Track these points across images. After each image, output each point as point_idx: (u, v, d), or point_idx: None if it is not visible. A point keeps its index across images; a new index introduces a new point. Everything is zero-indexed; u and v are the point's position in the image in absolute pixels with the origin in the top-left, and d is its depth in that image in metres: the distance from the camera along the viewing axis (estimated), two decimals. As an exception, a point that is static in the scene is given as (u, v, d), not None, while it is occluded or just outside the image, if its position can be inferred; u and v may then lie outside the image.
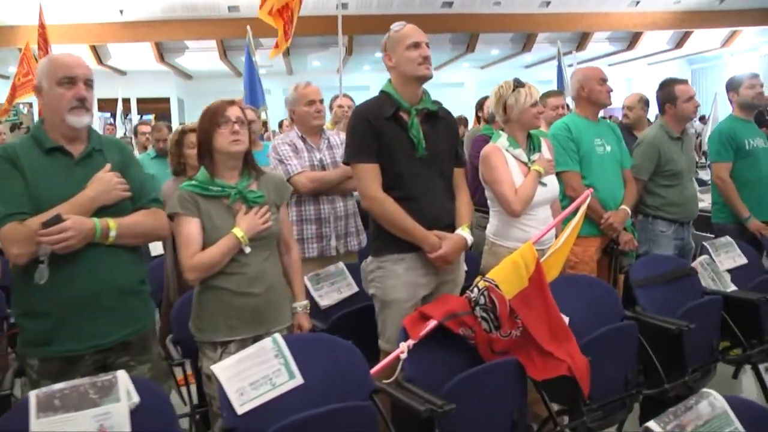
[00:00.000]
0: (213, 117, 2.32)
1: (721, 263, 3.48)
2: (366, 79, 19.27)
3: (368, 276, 2.66)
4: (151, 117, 17.61)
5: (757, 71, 10.94)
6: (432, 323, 2.29)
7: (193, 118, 3.95)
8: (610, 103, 3.62)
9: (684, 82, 3.91)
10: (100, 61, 15.18)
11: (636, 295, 3.11)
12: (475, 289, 2.34)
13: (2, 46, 13.63)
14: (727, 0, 13.92)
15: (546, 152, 3.12)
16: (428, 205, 2.55)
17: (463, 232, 2.59)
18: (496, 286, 2.32)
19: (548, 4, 13.47)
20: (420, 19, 12.44)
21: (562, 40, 15.62)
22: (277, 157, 3.40)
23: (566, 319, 2.49)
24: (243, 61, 16.66)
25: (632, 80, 20.53)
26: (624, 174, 3.66)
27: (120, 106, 13.65)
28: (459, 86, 18.92)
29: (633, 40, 16.06)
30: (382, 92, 2.64)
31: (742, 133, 4.07)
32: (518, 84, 2.99)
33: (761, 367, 3.06)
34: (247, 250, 2.30)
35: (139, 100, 17.88)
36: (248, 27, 6.35)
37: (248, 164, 2.43)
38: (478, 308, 2.33)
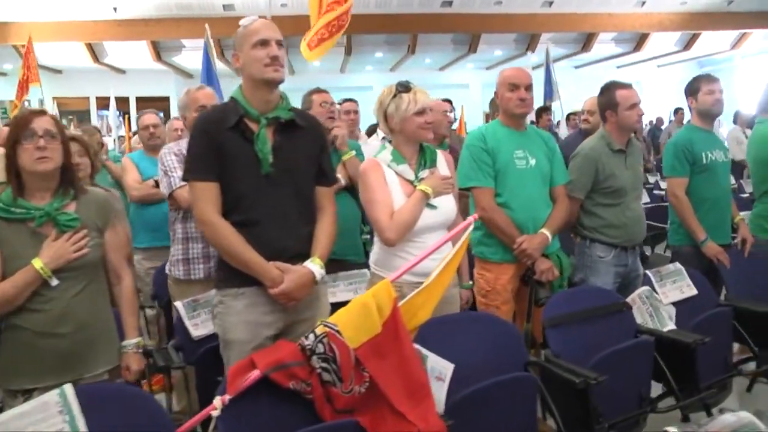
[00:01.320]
0: (15, 130, 2.04)
1: (665, 295, 3.07)
2: (369, 79, 19.04)
3: (213, 311, 2.34)
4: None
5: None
6: (254, 375, 1.88)
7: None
8: (521, 113, 3.07)
9: (628, 86, 3.37)
10: (96, 59, 15.04)
11: (546, 336, 2.69)
12: (312, 335, 1.93)
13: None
14: (736, 1, 13.58)
15: (443, 168, 2.72)
16: (273, 230, 2.18)
17: (312, 265, 2.21)
18: (338, 332, 1.92)
19: (551, 3, 13.18)
20: (419, 19, 12.38)
21: (566, 41, 15.50)
22: (162, 168, 3.10)
23: (449, 368, 2.14)
24: (241, 60, 16.58)
25: (641, 83, 20.09)
26: (554, 192, 3.17)
27: (113, 103, 13.44)
28: (464, 87, 18.61)
29: (640, 41, 15.73)
30: (230, 98, 2.27)
31: (700, 144, 3.60)
32: (402, 88, 2.59)
33: (693, 417, 2.74)
34: (54, 282, 2.04)
35: (139, 99, 17.72)
36: (206, 26, 6.01)
37: (66, 182, 2.15)
38: (315, 358, 1.91)
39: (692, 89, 3.70)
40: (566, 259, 3.14)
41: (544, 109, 7.89)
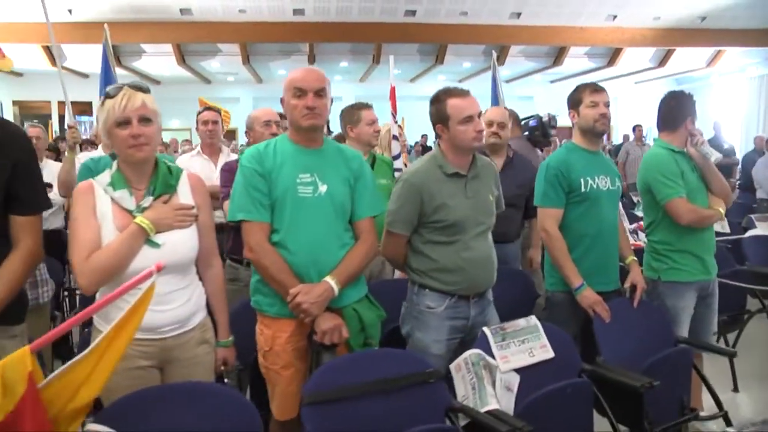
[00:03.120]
0: None
1: (505, 360, 2.46)
2: (338, 90, 18.50)
3: None
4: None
5: (744, 94, 10.31)
6: None
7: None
8: (309, 124, 2.41)
9: (463, 94, 2.67)
10: (54, 63, 14.60)
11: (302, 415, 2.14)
12: None
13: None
14: (709, 19, 13.30)
15: (185, 195, 2.26)
16: None
17: None
18: None
19: (519, 15, 12.85)
20: (382, 28, 12.04)
21: (537, 55, 15.19)
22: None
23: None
24: (204, 67, 16.20)
25: (618, 99, 19.86)
26: (358, 227, 2.53)
27: (69, 108, 13.02)
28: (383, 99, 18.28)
29: (613, 56, 15.41)
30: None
31: (580, 169, 3.04)
32: (108, 94, 2.07)
33: None
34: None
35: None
36: (105, 26, 5.65)
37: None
38: None
39: (574, 100, 3.14)
40: (372, 311, 2.53)
41: None
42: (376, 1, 11.94)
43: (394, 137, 4.60)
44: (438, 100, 2.69)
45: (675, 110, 3.27)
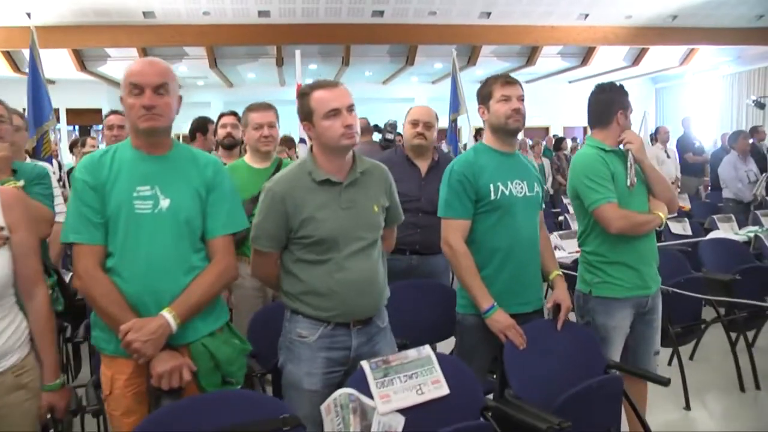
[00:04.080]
0: None
1: (385, 399, 2.05)
2: (312, 92, 18.47)
3: None
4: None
5: (718, 91, 10.20)
6: None
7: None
8: (147, 127, 2.10)
9: (330, 86, 2.35)
10: (16, 68, 14.33)
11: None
12: None
13: None
14: (680, 17, 13.17)
15: None
16: None
17: None
18: None
19: (489, 15, 12.64)
20: (350, 29, 11.82)
21: (509, 54, 15.01)
22: None
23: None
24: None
25: (594, 98, 19.77)
26: (211, 246, 2.19)
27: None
28: (409, 101, 18.09)
29: (586, 55, 15.27)
30: None
31: (489, 173, 2.70)
32: None
33: None
34: None
35: (69, 111, 17.04)
36: (32, 28, 5.42)
37: None
38: None
39: (482, 95, 2.80)
40: (231, 346, 2.23)
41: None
42: (342, 1, 11.70)
43: (302, 141, 4.31)
44: (303, 94, 2.34)
45: (603, 104, 2.98)
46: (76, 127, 18.29)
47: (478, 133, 8.44)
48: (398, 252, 3.33)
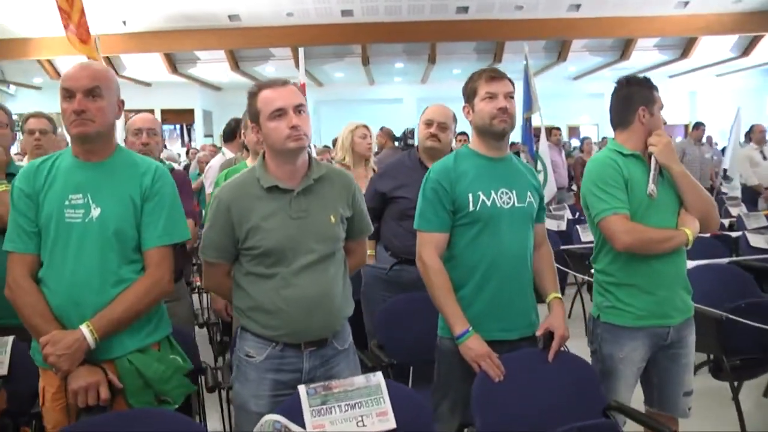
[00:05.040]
0: None
1: (321, 429, 1.84)
2: (398, 91, 18.38)
3: None
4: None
5: None
6: None
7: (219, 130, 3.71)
8: (78, 133, 2.00)
9: (276, 84, 2.10)
10: (116, 72, 14.95)
11: None
12: None
13: (21, 57, 13.66)
14: (798, -1, 12.07)
15: None
16: None
17: None
18: None
19: (578, 7, 12.09)
20: (434, 26, 11.64)
21: (602, 49, 14.32)
22: None
23: None
24: (258, 72, 16.22)
25: (696, 93, 18.62)
26: (147, 258, 2.07)
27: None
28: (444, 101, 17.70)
29: (687, 47, 14.31)
30: None
31: (469, 180, 2.36)
32: None
33: None
34: None
35: (164, 111, 17.67)
36: (95, 37, 5.54)
37: None
38: None
39: (468, 92, 2.42)
40: (164, 363, 2.08)
41: None
42: (425, -2, 11.52)
43: None
44: (251, 94, 2.14)
45: (622, 101, 2.53)
46: (177, 126, 18.99)
47: (550, 132, 7.91)
48: (406, 262, 3.16)
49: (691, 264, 3.98)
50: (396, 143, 6.54)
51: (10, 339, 2.39)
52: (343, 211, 2.21)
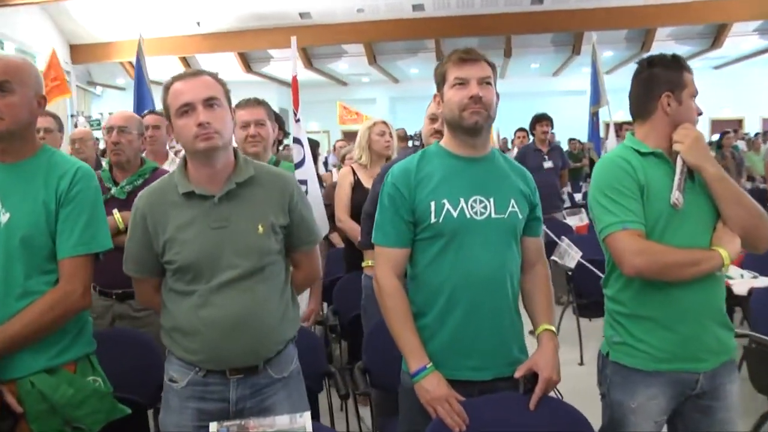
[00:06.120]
0: None
1: None
2: (476, 86, 17.88)
3: None
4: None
5: None
6: None
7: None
8: None
9: (184, 77, 1.88)
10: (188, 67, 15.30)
11: None
12: None
13: (105, 60, 14.15)
14: None
15: None
16: None
17: None
18: None
19: (657, -9, 11.33)
20: (507, 18, 11.19)
21: (690, 36, 13.40)
22: None
23: None
24: (332, 69, 16.23)
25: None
26: (59, 268, 1.87)
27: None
28: (581, 94, 16.93)
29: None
30: None
31: (434, 185, 1.95)
32: None
33: None
34: None
35: (241, 110, 17.92)
36: (140, 38, 5.54)
37: None
38: None
39: (437, 77, 2.01)
40: (76, 385, 1.87)
41: (543, 118, 6.37)
42: (498, -10, 11.12)
43: (296, 141, 3.68)
44: (164, 89, 1.90)
45: (643, 86, 2.03)
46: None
47: (620, 127, 7.34)
48: None
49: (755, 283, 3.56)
50: (410, 143, 6.23)
51: None
52: (276, 219, 1.93)
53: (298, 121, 3.15)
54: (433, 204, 1.92)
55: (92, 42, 13.29)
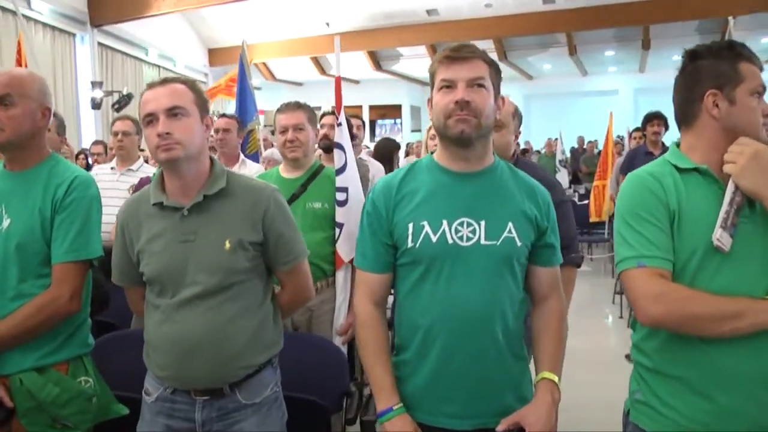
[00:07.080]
0: None
1: None
2: (613, 82, 17.06)
3: None
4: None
5: None
6: None
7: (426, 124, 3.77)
8: None
9: (155, 85, 1.79)
10: (323, 71, 15.64)
11: None
12: None
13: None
14: None
15: None
16: None
17: None
18: None
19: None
20: (644, 7, 11.51)
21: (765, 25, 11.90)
22: None
23: None
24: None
25: None
26: (52, 273, 1.89)
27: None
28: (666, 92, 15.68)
29: None
30: None
31: (415, 204, 1.67)
32: None
33: None
34: None
35: (372, 107, 18.12)
36: (244, 42, 5.63)
37: None
38: None
39: (430, 79, 1.72)
40: (63, 384, 1.88)
41: (654, 117, 5.63)
42: (635, -23, 10.47)
43: (338, 146, 3.27)
44: (141, 96, 1.83)
45: (686, 85, 1.59)
46: (378, 121, 19.51)
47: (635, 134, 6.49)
48: None
49: None
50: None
51: None
52: (246, 236, 1.79)
53: (339, 125, 2.97)
54: (411, 226, 1.66)
55: (228, 46, 13.90)
